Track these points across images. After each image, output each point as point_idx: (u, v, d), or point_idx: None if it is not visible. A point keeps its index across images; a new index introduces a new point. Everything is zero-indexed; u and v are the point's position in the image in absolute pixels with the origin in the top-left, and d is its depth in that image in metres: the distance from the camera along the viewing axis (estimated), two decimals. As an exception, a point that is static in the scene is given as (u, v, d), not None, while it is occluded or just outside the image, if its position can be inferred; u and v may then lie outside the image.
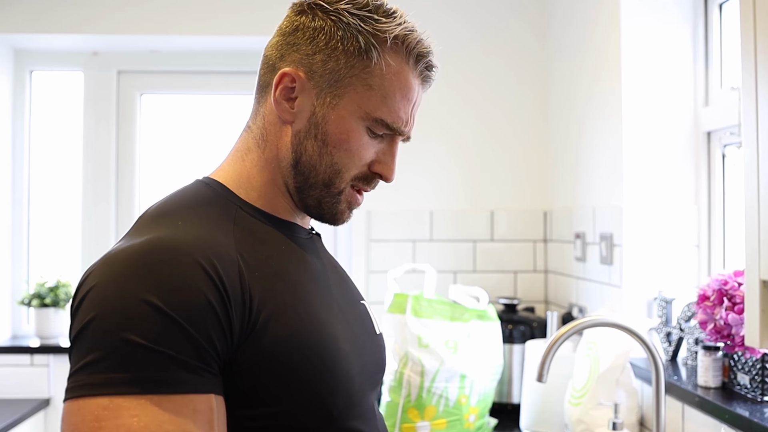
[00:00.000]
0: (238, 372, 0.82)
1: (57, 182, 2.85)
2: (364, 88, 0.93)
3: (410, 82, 0.95)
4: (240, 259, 0.84)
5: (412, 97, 0.96)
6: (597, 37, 2.18)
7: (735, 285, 1.58)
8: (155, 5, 2.60)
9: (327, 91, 0.93)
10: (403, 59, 0.94)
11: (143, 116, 2.83)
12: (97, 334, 0.76)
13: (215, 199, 0.93)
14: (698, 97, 1.99)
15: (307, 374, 0.86)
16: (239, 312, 0.81)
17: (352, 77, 0.92)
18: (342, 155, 0.94)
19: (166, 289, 0.77)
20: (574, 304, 2.38)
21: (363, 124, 0.94)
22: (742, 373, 1.61)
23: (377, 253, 2.62)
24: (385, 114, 0.94)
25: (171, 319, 0.76)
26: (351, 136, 0.94)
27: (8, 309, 2.76)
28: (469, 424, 2.04)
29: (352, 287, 1.09)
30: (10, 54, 2.76)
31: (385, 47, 0.92)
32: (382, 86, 0.93)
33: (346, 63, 0.92)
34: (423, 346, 2.02)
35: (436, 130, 2.63)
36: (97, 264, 0.82)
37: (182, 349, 0.76)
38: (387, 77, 0.93)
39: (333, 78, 0.93)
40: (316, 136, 0.93)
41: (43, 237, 2.84)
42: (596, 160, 2.20)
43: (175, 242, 0.81)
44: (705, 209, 1.98)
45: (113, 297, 0.77)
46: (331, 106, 0.93)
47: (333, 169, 0.94)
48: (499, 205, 2.66)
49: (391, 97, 0.93)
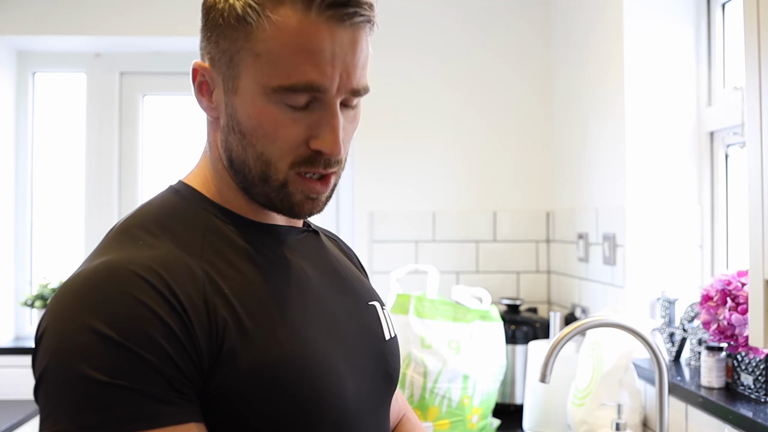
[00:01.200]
0: (210, 402, 0.75)
1: (60, 183, 2.85)
2: (253, 59, 0.79)
3: (305, 30, 0.77)
4: (204, 277, 0.77)
5: (318, 47, 0.78)
6: (600, 37, 2.18)
7: (738, 285, 1.58)
8: (158, 7, 2.61)
9: (227, 75, 0.82)
10: (290, 7, 0.78)
11: (146, 118, 2.84)
12: (57, 380, 0.70)
13: (185, 208, 0.85)
14: (701, 97, 1.99)
15: (285, 407, 0.77)
16: (205, 336, 0.73)
17: (239, 51, 0.80)
18: (263, 143, 0.81)
19: (119, 318, 0.70)
20: (576, 304, 2.37)
21: (272, 101, 0.79)
22: (745, 373, 1.61)
23: (380, 254, 2.62)
24: (283, 78, 0.78)
25: (129, 350, 0.69)
26: (262, 120, 0.80)
27: (11, 310, 2.76)
28: (472, 424, 2.04)
29: (359, 288, 0.98)
30: (13, 56, 2.76)
31: (264, 4, 0.78)
32: (270, 50, 0.78)
33: (231, 36, 0.80)
34: (426, 347, 2.02)
35: (439, 130, 2.63)
36: (54, 297, 0.76)
37: (146, 379, 0.69)
38: (273, 37, 0.78)
39: (227, 58, 0.81)
40: (233, 129, 0.82)
41: (46, 238, 2.84)
42: (599, 161, 2.20)
43: (126, 263, 0.74)
44: (708, 209, 1.98)
45: (66, 337, 0.71)
46: (233, 90, 0.81)
47: (262, 161, 0.82)
48: (502, 205, 2.66)
49: (283, 57, 0.78)
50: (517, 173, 2.66)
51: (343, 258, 1.03)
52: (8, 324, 2.74)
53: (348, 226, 2.70)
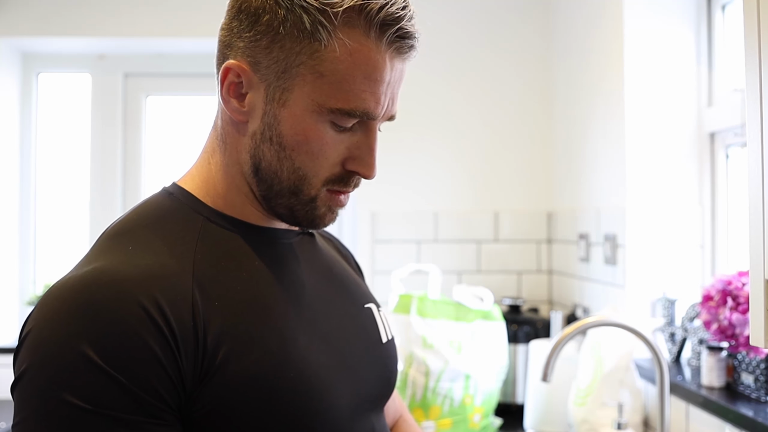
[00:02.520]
0: (198, 419, 0.74)
1: (64, 184, 2.86)
2: (314, 77, 0.78)
3: (374, 59, 0.78)
4: (195, 288, 0.75)
5: (381, 76, 0.79)
6: (600, 38, 2.19)
7: (739, 285, 1.59)
8: (161, 8, 2.62)
9: (275, 85, 0.79)
10: (362, 33, 0.77)
11: (149, 118, 2.85)
12: (32, 390, 0.69)
13: (178, 211, 0.83)
14: (701, 98, 2.00)
15: (279, 415, 0.76)
16: (190, 355, 0.72)
17: (299, 65, 0.78)
18: (304, 159, 0.80)
19: (102, 339, 0.69)
20: (578, 304, 2.38)
21: (322, 119, 0.79)
22: (746, 373, 1.61)
23: (382, 254, 2.63)
24: (344, 103, 0.78)
25: (107, 375, 0.68)
26: (310, 136, 0.79)
27: (16, 310, 2.77)
28: (473, 424, 2.04)
29: (355, 291, 0.97)
30: (17, 57, 2.77)
31: (336, 24, 0.76)
32: (336, 71, 0.77)
33: (291, 49, 0.77)
34: (428, 347, 2.03)
35: (440, 131, 2.64)
36: (42, 298, 0.75)
37: (121, 406, 0.68)
38: (341, 60, 0.77)
39: (279, 68, 0.78)
40: (271, 139, 0.80)
41: (50, 238, 2.85)
42: (600, 161, 2.20)
43: (117, 278, 0.72)
44: (709, 210, 1.99)
45: (46, 347, 0.70)
46: (281, 102, 0.79)
47: (297, 175, 0.81)
48: (503, 206, 2.67)
49: (349, 81, 0.78)
50: (518, 173, 2.67)
51: (339, 259, 1.02)
52: (13, 324, 2.75)
53: (350, 226, 2.71)
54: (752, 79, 0.92)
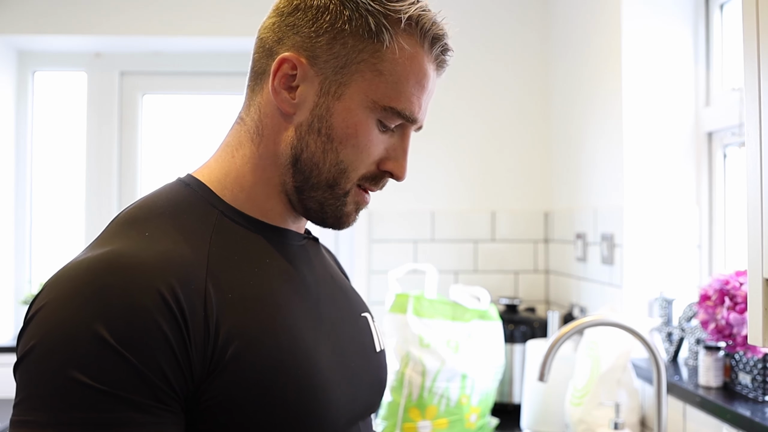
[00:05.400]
0: (203, 409, 0.74)
1: (59, 182, 2.85)
2: (373, 75, 0.82)
3: (425, 67, 0.85)
4: (209, 279, 0.76)
5: (426, 84, 0.86)
6: (598, 37, 2.19)
7: (736, 285, 1.58)
8: (158, 7, 2.61)
9: (332, 79, 0.83)
10: (418, 42, 0.84)
11: (146, 117, 2.84)
12: (39, 365, 0.69)
13: (195, 203, 0.83)
14: (699, 98, 1.99)
15: (282, 412, 0.77)
16: (200, 346, 0.73)
17: (360, 62, 0.82)
18: (349, 152, 0.84)
19: (116, 319, 0.69)
20: (575, 304, 2.38)
21: (373, 116, 0.83)
22: (743, 372, 1.61)
23: (379, 254, 2.62)
24: (396, 102, 0.83)
25: (119, 355, 0.68)
26: (359, 130, 0.83)
27: (11, 309, 2.76)
28: (470, 423, 2.04)
29: (353, 299, 0.99)
30: (13, 55, 2.76)
31: (398, 29, 0.82)
32: (394, 72, 0.83)
33: (354, 46, 0.82)
34: (424, 346, 2.03)
35: (437, 130, 2.64)
36: (54, 276, 0.75)
37: (131, 387, 0.68)
38: (400, 62, 0.83)
39: (339, 64, 0.82)
40: (320, 131, 0.83)
41: (45, 237, 2.84)
42: (597, 161, 2.20)
43: (134, 261, 0.72)
44: (706, 209, 1.99)
45: (58, 325, 0.69)
46: (336, 95, 0.83)
47: (338, 168, 0.84)
48: (500, 205, 2.66)
49: (404, 83, 0.83)
50: (515, 173, 2.67)
51: (336, 268, 1.04)
52: (8, 323, 2.74)
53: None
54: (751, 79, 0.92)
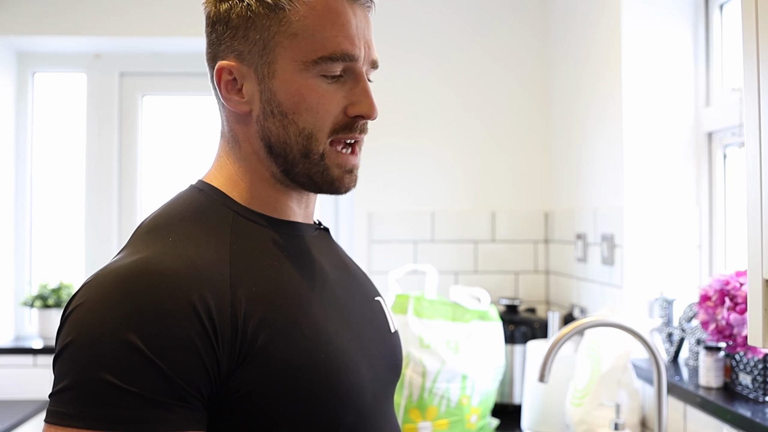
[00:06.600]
0: (234, 400, 0.79)
1: (59, 183, 2.85)
2: (290, 41, 0.86)
3: (333, 6, 0.87)
4: (233, 276, 0.81)
5: (346, 19, 0.88)
6: (598, 38, 2.19)
7: (736, 285, 1.58)
8: (157, 8, 2.61)
9: (261, 63, 0.87)
10: None
11: (145, 118, 2.84)
12: (73, 363, 0.75)
13: (210, 206, 0.89)
14: (699, 98, 1.99)
15: (312, 397, 0.82)
16: (227, 344, 0.77)
17: (274, 36, 0.87)
18: (306, 117, 0.87)
19: (148, 327, 0.74)
20: (575, 304, 2.38)
21: (310, 75, 0.87)
22: (743, 373, 1.61)
23: (379, 254, 2.62)
24: (323, 50, 0.86)
25: (148, 360, 0.73)
26: (304, 93, 0.87)
27: (11, 310, 2.76)
28: (470, 424, 2.04)
29: (366, 284, 1.04)
30: (13, 56, 2.76)
31: None
32: (306, 27, 0.86)
33: (264, 26, 0.87)
34: (424, 347, 2.02)
35: (437, 131, 2.64)
36: (91, 279, 0.80)
37: (157, 387, 0.73)
38: (306, 16, 0.86)
39: (259, 47, 0.87)
40: (273, 112, 0.88)
41: (45, 238, 2.84)
42: (597, 161, 2.20)
43: (161, 268, 0.78)
44: (706, 210, 1.99)
45: (93, 327, 0.75)
46: (271, 75, 0.87)
47: (303, 135, 0.88)
48: (500, 206, 2.66)
49: (320, 31, 0.86)
50: (515, 174, 2.67)
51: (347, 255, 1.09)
52: (8, 324, 2.74)
53: (347, 226, 2.71)
54: (751, 79, 0.92)
